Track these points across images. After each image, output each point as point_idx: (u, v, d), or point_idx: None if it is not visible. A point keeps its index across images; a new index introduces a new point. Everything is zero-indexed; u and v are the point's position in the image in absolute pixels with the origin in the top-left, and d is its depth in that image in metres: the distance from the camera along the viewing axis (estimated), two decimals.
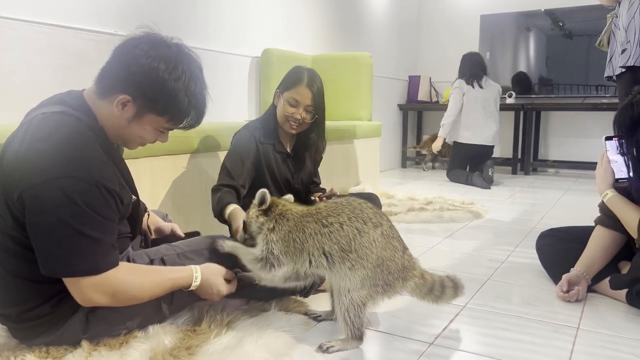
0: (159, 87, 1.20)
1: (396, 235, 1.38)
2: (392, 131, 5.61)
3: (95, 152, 1.17)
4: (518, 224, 2.87)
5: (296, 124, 1.95)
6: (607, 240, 1.71)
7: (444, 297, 1.41)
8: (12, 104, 2.11)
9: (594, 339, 1.42)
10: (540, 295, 1.76)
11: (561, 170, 5.35)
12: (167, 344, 1.28)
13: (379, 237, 1.33)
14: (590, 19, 4.96)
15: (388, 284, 1.34)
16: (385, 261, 1.33)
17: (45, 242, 1.12)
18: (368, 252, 1.32)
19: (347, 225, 1.33)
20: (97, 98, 1.24)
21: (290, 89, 1.93)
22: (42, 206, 1.10)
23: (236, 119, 2.20)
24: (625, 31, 2.12)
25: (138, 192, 1.40)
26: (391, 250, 1.34)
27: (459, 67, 4.63)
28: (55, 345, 1.25)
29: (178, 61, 1.23)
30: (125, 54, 1.21)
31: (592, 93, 5.00)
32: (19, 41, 2.16)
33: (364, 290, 1.32)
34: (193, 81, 1.26)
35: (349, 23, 4.70)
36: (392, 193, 3.68)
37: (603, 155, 1.72)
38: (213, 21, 3.18)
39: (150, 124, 1.26)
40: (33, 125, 1.17)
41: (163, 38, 1.25)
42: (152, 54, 1.20)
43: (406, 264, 1.37)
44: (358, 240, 1.32)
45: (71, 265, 1.13)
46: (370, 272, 1.32)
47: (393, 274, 1.34)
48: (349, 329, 1.34)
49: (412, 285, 1.37)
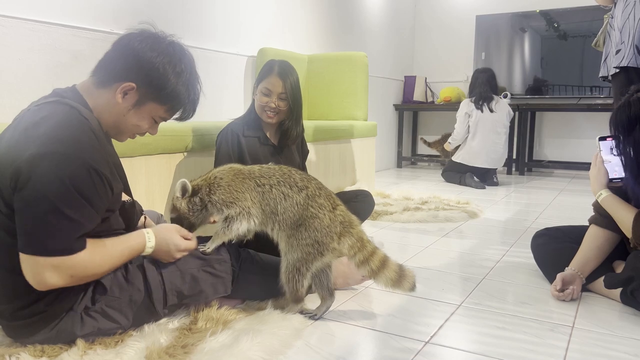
0: (165, 77, 1.27)
1: (324, 194, 1.46)
2: (387, 131, 5.62)
3: (88, 136, 1.19)
4: (513, 224, 2.88)
5: (272, 113, 2.01)
6: (601, 239, 1.72)
7: (382, 277, 1.44)
8: (7, 102, 2.10)
9: (589, 338, 1.43)
10: (535, 294, 1.76)
11: (556, 171, 5.38)
12: (162, 343, 1.28)
13: (302, 199, 1.44)
14: (585, 20, 4.98)
15: (319, 242, 1.41)
16: (307, 219, 1.42)
17: (24, 217, 1.12)
18: (290, 215, 1.43)
19: (276, 189, 1.45)
20: (95, 88, 1.27)
21: (263, 79, 2.01)
22: (28, 180, 1.10)
23: (231, 117, 2.20)
24: (620, 32, 2.13)
25: (132, 193, 1.41)
26: (315, 208, 1.42)
27: (470, 84, 4.46)
28: (50, 343, 1.25)
29: (180, 56, 1.32)
30: (129, 45, 1.26)
31: (586, 94, 5.02)
32: (14, 39, 2.15)
33: (295, 253, 1.43)
34: (192, 76, 1.35)
35: (345, 23, 4.70)
36: (387, 193, 3.68)
37: (597, 156, 1.73)
38: (209, 20, 3.18)
39: (149, 113, 1.31)
40: (26, 115, 1.19)
41: (163, 34, 1.32)
42: (157, 48, 1.27)
43: (339, 220, 1.44)
44: (282, 204, 1.43)
45: (42, 243, 1.12)
46: (292, 232, 1.43)
47: (320, 230, 1.41)
48: (288, 290, 1.45)
49: (349, 243, 1.44)
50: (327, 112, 3.77)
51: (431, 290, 1.78)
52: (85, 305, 1.25)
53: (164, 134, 2.10)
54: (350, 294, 1.71)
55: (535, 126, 5.42)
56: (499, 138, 4.30)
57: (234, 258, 1.47)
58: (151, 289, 1.32)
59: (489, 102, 4.29)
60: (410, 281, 1.46)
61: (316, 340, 1.38)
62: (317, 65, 3.83)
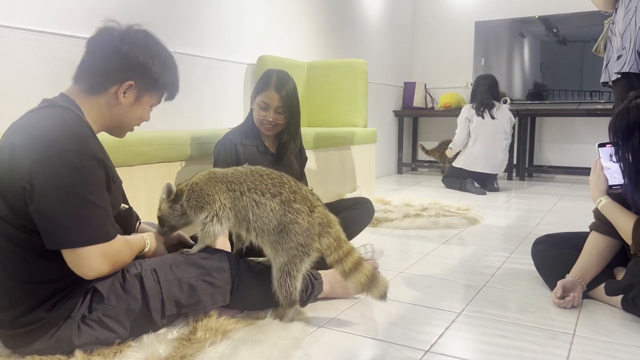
0: (156, 68, 1.34)
1: (299, 199, 1.47)
2: (387, 137, 5.62)
3: (87, 131, 1.24)
4: (513, 230, 2.88)
5: (270, 126, 2.02)
6: (601, 246, 1.71)
7: (352, 279, 1.46)
8: (4, 111, 2.10)
9: (590, 345, 1.42)
10: (536, 301, 1.75)
11: (556, 176, 5.37)
12: (161, 353, 1.27)
13: (277, 205, 1.45)
14: (584, 25, 4.99)
15: (303, 245, 1.44)
16: (287, 225, 1.43)
17: (55, 216, 1.15)
18: (266, 221, 1.44)
19: (246, 196, 1.46)
20: (87, 95, 1.30)
21: (261, 92, 2.01)
22: (48, 179, 1.14)
23: (231, 125, 2.20)
24: (621, 37, 2.13)
25: (128, 200, 1.44)
26: (293, 214, 1.44)
27: (472, 90, 4.49)
28: (48, 353, 1.24)
29: (157, 44, 1.38)
30: (112, 47, 1.29)
31: (586, 99, 5.02)
32: (12, 48, 2.16)
33: (282, 257, 1.44)
34: (171, 57, 1.41)
35: (344, 30, 4.71)
36: (388, 199, 3.68)
37: (596, 162, 1.72)
38: (209, 28, 3.19)
39: (149, 102, 1.38)
40: (23, 122, 1.22)
41: (130, 27, 1.35)
42: (137, 43, 1.32)
43: (317, 222, 1.46)
44: (254, 211, 1.44)
45: (84, 234, 1.17)
46: (275, 237, 1.44)
47: (301, 234, 1.43)
48: (281, 296, 1.46)
49: (327, 242, 1.46)
50: (327, 119, 3.77)
51: (432, 298, 1.77)
52: (82, 313, 1.25)
53: (163, 142, 2.11)
54: (350, 303, 1.71)
55: (535, 131, 5.42)
56: (499, 144, 4.30)
57: (233, 268, 1.46)
58: (149, 298, 1.31)
59: (490, 108, 4.31)
60: (380, 289, 1.47)
61: (316, 350, 1.37)
62: (316, 73, 3.84)
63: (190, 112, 3.06)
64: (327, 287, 1.68)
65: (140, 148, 1.99)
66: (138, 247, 1.38)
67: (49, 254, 1.20)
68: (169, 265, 1.38)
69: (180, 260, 1.41)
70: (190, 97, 3.06)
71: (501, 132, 4.31)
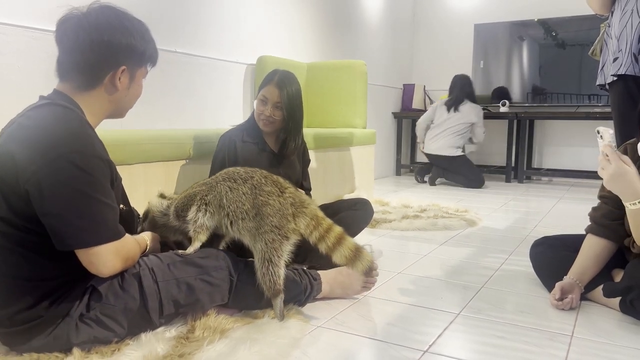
0: (140, 38, 1.33)
1: (270, 182, 1.51)
2: (386, 139, 5.62)
3: (89, 131, 1.24)
4: (512, 232, 2.88)
5: (267, 121, 2.02)
6: (598, 248, 1.71)
7: (337, 254, 1.47)
8: (6, 109, 2.10)
9: (588, 347, 1.42)
10: (534, 303, 1.76)
11: (554, 179, 5.38)
12: (159, 352, 1.27)
13: (248, 189, 1.49)
14: (583, 28, 5.00)
15: (278, 227, 1.45)
16: (260, 208, 1.46)
17: (67, 217, 1.16)
18: (239, 205, 1.47)
19: (221, 184, 1.52)
20: (80, 91, 1.29)
21: (262, 88, 2.03)
22: (57, 182, 1.14)
23: (232, 124, 2.21)
24: (617, 40, 2.14)
25: (129, 200, 1.44)
26: (264, 196, 1.48)
27: (450, 86, 4.94)
28: (46, 351, 1.24)
29: (128, 15, 1.35)
30: (93, 39, 1.26)
31: (584, 102, 5.04)
32: (12, 47, 2.16)
33: (260, 243, 1.45)
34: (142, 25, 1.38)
35: (344, 31, 4.72)
36: (386, 200, 3.68)
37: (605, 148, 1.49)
38: (209, 29, 3.19)
39: (140, 77, 1.39)
40: (24, 121, 1.21)
41: (96, 8, 1.31)
42: (112, 24, 1.29)
43: (289, 202, 1.49)
44: (229, 196, 1.48)
45: (97, 233, 1.19)
46: (252, 224, 1.46)
47: (274, 215, 1.46)
48: (266, 286, 1.46)
49: (304, 223, 1.49)
50: (326, 120, 3.78)
51: (430, 299, 1.78)
52: (80, 312, 1.25)
53: (164, 141, 2.11)
54: (349, 303, 1.71)
55: (534, 134, 5.43)
56: (449, 131, 4.75)
57: (232, 267, 1.46)
58: (147, 297, 1.31)
59: (457, 104, 4.79)
60: (364, 263, 1.48)
61: (314, 350, 1.37)
62: (316, 73, 3.84)
63: (190, 112, 3.06)
64: (327, 288, 1.68)
65: (139, 147, 1.99)
66: (144, 243, 1.42)
67: (48, 253, 1.20)
68: (167, 265, 1.38)
69: (178, 259, 1.41)
70: (191, 96, 3.06)
71: (456, 124, 4.74)
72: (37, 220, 1.17)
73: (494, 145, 5.58)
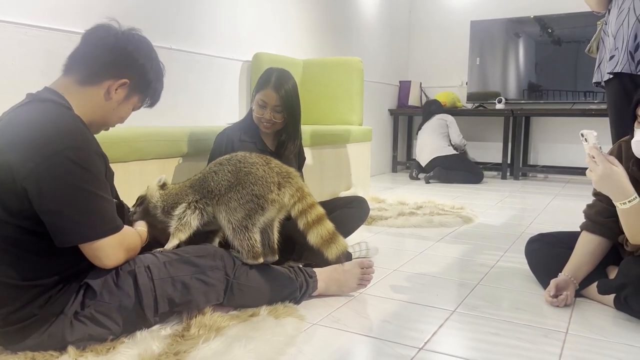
0: (154, 72, 1.38)
1: (255, 155, 1.56)
2: (382, 136, 5.62)
3: (83, 127, 1.24)
4: (507, 229, 2.89)
5: (268, 124, 2.02)
6: (592, 245, 1.72)
7: (313, 232, 1.48)
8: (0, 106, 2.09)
9: (583, 344, 1.43)
10: (529, 300, 1.76)
11: (550, 176, 5.40)
12: (154, 350, 1.27)
13: (232, 167, 1.53)
14: (579, 25, 5.01)
15: (257, 196, 1.47)
16: (242, 178, 1.49)
17: (68, 213, 1.16)
18: (224, 184, 1.50)
19: (206, 172, 1.56)
20: (80, 85, 1.30)
21: (260, 91, 2.01)
22: (56, 178, 1.15)
23: (227, 122, 2.20)
24: (614, 38, 2.14)
25: (118, 195, 1.45)
26: (248, 167, 1.51)
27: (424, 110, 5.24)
28: (41, 349, 1.24)
29: (152, 49, 1.41)
30: (115, 43, 1.31)
31: (580, 99, 5.05)
32: (7, 43, 2.15)
33: (238, 213, 1.47)
34: (161, 66, 1.44)
35: (340, 28, 4.71)
36: (382, 197, 3.68)
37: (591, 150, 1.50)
38: (204, 25, 3.18)
39: (132, 104, 1.39)
40: (15, 118, 1.20)
41: (132, 28, 1.38)
42: (145, 45, 1.36)
43: (276, 171, 1.51)
44: (214, 179, 1.53)
45: (99, 227, 1.21)
46: (230, 194, 1.48)
47: (255, 183, 1.47)
48: (244, 251, 1.48)
49: (289, 193, 1.50)
50: (322, 117, 3.77)
51: (425, 296, 1.78)
52: (75, 310, 1.25)
53: (159, 138, 2.10)
54: (344, 300, 1.71)
55: (529, 131, 5.44)
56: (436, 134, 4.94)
57: (228, 267, 1.46)
58: (142, 295, 1.31)
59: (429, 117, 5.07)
60: (338, 248, 1.49)
61: (310, 347, 1.37)
62: (312, 70, 3.84)
63: (186, 109, 3.05)
64: (322, 285, 1.68)
65: (135, 144, 1.98)
66: (145, 235, 1.45)
67: (42, 252, 1.20)
68: (162, 263, 1.37)
69: (174, 258, 1.40)
70: (186, 93, 3.05)
71: (435, 126, 4.95)
72: (33, 219, 1.16)
73: (489, 142, 5.59)
